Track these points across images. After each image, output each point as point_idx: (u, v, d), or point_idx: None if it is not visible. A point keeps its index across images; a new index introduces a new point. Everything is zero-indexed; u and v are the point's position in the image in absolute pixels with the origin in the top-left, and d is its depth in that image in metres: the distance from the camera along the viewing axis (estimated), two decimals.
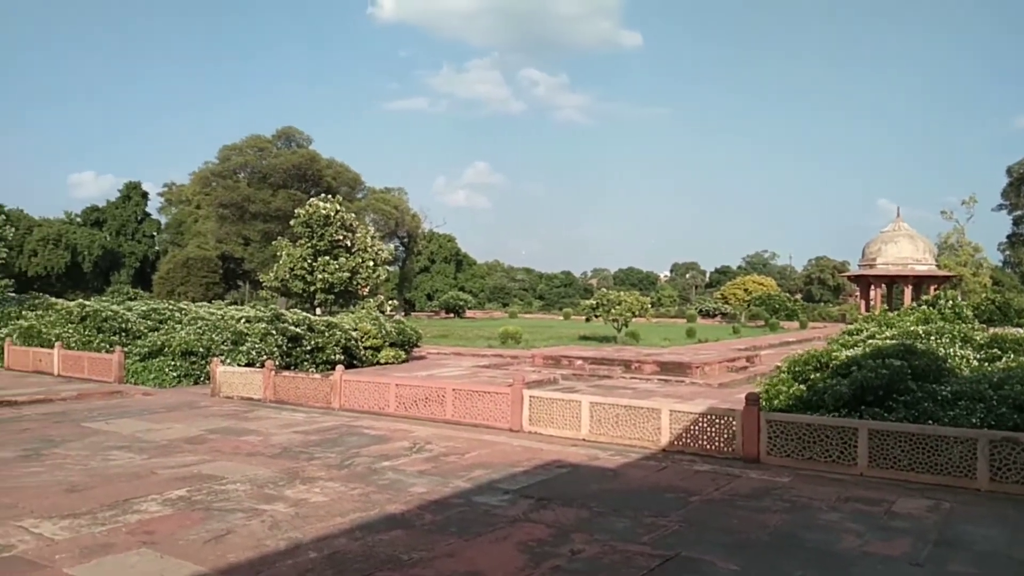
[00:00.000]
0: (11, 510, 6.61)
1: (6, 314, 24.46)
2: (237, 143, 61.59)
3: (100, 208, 78.34)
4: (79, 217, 77.67)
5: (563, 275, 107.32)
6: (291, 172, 59.88)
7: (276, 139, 62.73)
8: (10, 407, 12.80)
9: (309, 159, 60.44)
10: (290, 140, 63.05)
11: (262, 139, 62.09)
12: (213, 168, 62.34)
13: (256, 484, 7.58)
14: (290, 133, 63.32)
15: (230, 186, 60.22)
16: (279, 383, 13.57)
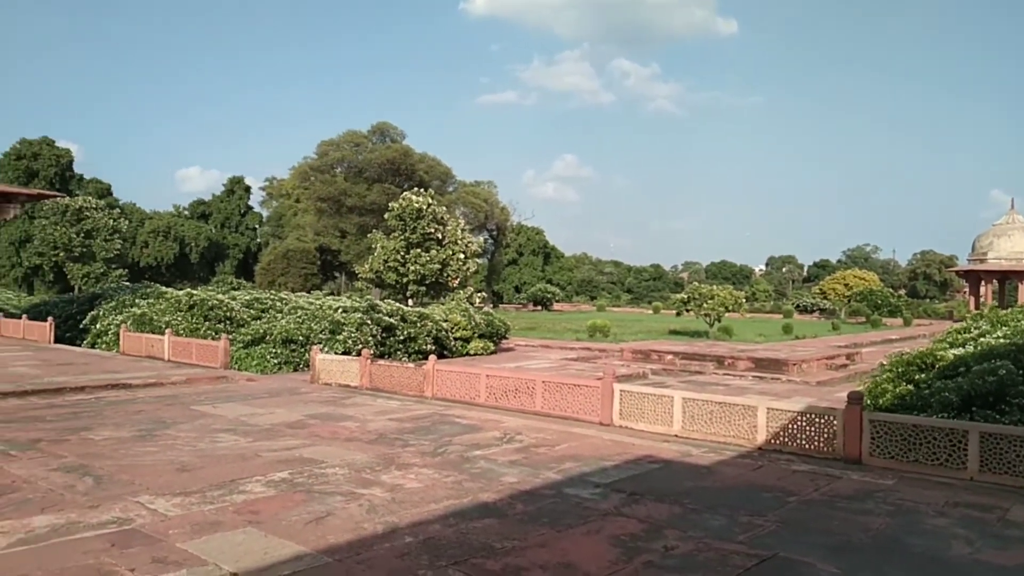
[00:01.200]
0: (129, 486, 7.03)
1: (121, 302, 25.93)
2: (334, 138, 63.50)
3: (206, 202, 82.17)
4: (187, 210, 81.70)
5: (652, 268, 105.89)
6: (385, 166, 61.25)
7: (371, 134, 64.29)
8: (126, 390, 13.61)
9: (403, 153, 61.65)
10: (384, 135, 64.47)
11: (358, 134, 63.76)
12: (312, 163, 64.45)
13: (354, 469, 7.81)
14: (384, 128, 64.73)
15: (327, 180, 62.10)
16: (374, 371, 13.92)
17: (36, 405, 11.80)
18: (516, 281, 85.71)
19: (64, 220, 59.72)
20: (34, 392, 12.82)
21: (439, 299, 37.12)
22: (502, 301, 77.33)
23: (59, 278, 61.87)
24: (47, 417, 10.71)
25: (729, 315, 34.75)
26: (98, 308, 26.10)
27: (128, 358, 18.59)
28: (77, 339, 24.43)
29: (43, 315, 25.37)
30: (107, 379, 14.32)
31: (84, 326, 25.15)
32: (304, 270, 63.04)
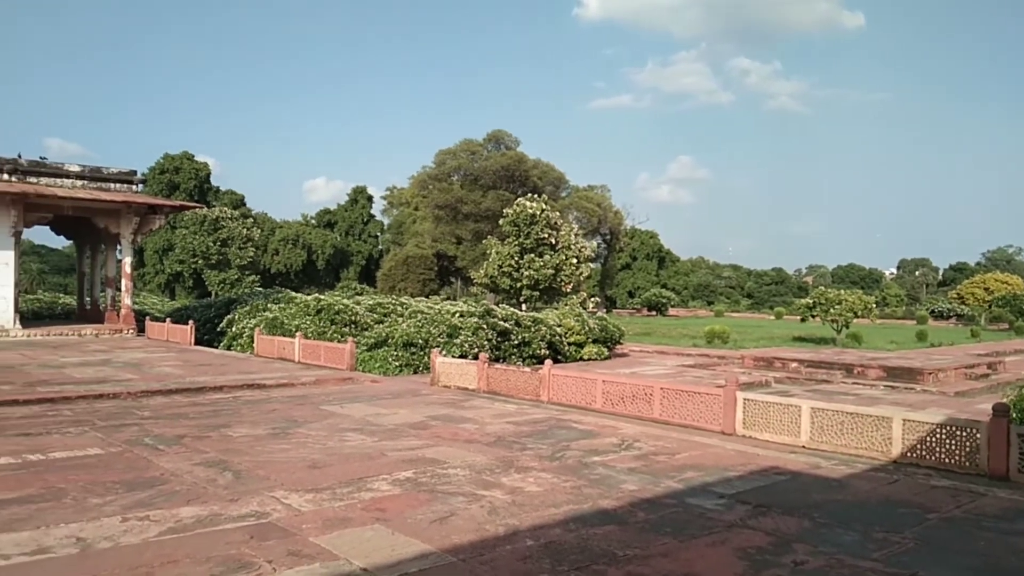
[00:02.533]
0: (265, 482, 7.42)
1: (255, 307, 27.41)
2: (451, 147, 64.91)
3: (331, 211, 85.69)
4: (314, 219, 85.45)
5: (774, 272, 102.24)
6: (500, 173, 62.03)
7: (487, 142, 65.31)
8: (260, 390, 14.37)
9: (517, 160, 62.27)
10: (499, 143, 65.32)
11: (474, 143, 64.92)
12: (430, 172, 66.15)
13: (474, 470, 7.94)
14: (499, 136, 65.57)
15: (445, 188, 63.52)
16: (492, 375, 14.11)
17: (180, 403, 12.64)
18: (630, 286, 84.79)
19: (202, 230, 63.80)
20: (178, 391, 13.74)
21: (552, 304, 37.22)
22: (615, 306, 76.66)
23: (198, 284, 66.11)
24: (190, 414, 11.45)
25: (858, 321, 33.12)
26: (233, 312, 27.69)
27: (262, 359, 19.62)
28: (214, 341, 26.00)
29: (184, 319, 27.13)
30: (243, 379, 15.17)
31: (221, 329, 26.73)
32: (422, 275, 64.65)
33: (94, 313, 31.16)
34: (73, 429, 10.07)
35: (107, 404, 12.29)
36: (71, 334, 26.24)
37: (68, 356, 19.32)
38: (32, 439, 9.38)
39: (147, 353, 20.70)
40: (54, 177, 27.17)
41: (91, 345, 23.11)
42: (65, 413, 11.34)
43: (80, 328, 27.23)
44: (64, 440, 9.35)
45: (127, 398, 12.90)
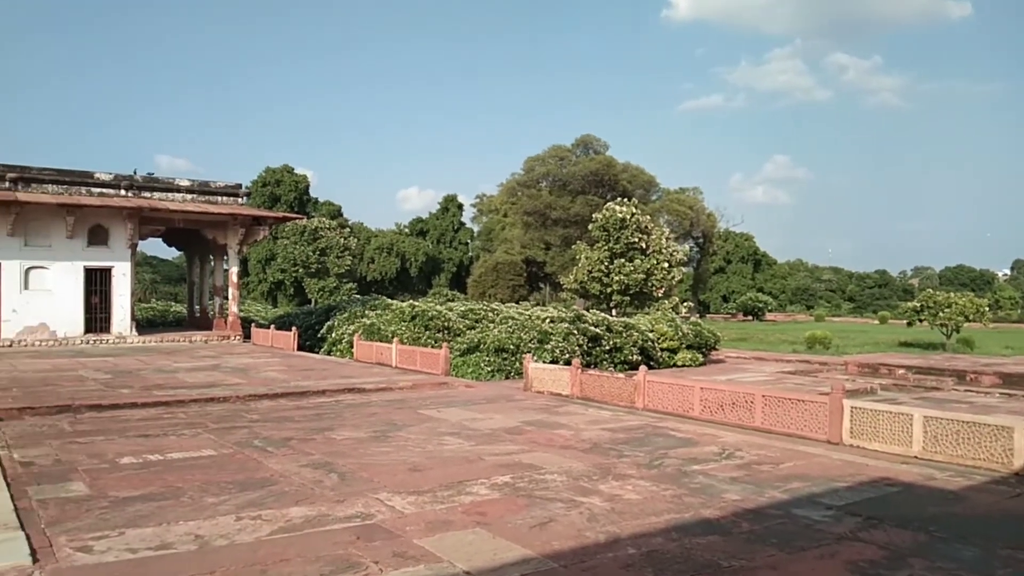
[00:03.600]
0: (369, 484, 7.62)
1: (353, 313, 28.20)
2: (540, 154, 65.20)
3: (423, 219, 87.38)
4: (407, 228, 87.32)
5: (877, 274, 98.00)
6: (589, 178, 61.84)
7: (575, 147, 65.26)
8: (361, 394, 14.78)
9: (605, 164, 61.94)
10: (588, 147, 65.15)
11: (562, 148, 64.98)
12: (518, 179, 66.59)
13: (571, 476, 7.93)
14: (588, 141, 65.40)
15: (533, 195, 63.78)
16: (585, 381, 14.06)
17: (285, 407, 13.13)
18: (724, 290, 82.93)
19: (302, 239, 66.12)
20: (283, 395, 14.28)
21: (643, 309, 36.79)
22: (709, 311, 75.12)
23: (298, 291, 68.52)
24: (295, 417, 11.88)
25: (969, 325, 31.37)
26: (333, 319, 28.56)
27: (360, 364, 20.18)
28: (315, 347, 26.88)
29: (287, 325, 28.17)
30: (344, 384, 15.64)
31: (321, 335, 27.62)
32: (512, 282, 65.05)
33: (203, 320, 32.77)
34: (188, 431, 10.60)
35: (218, 407, 12.90)
36: (182, 340, 27.66)
37: (180, 361, 20.37)
38: (151, 440, 9.93)
39: (253, 358, 21.60)
40: (166, 192, 28.75)
41: (201, 351, 24.30)
42: (180, 416, 11.96)
43: (190, 335, 28.68)
44: (180, 441, 9.86)
45: (236, 402, 13.49)
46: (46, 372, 17.28)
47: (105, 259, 26.51)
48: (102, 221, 26.45)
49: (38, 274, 25.59)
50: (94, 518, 6.34)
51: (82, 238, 26.12)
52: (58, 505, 6.72)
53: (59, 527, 6.05)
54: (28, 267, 25.37)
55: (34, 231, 25.42)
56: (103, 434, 10.28)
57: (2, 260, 24.91)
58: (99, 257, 26.39)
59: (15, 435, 10.08)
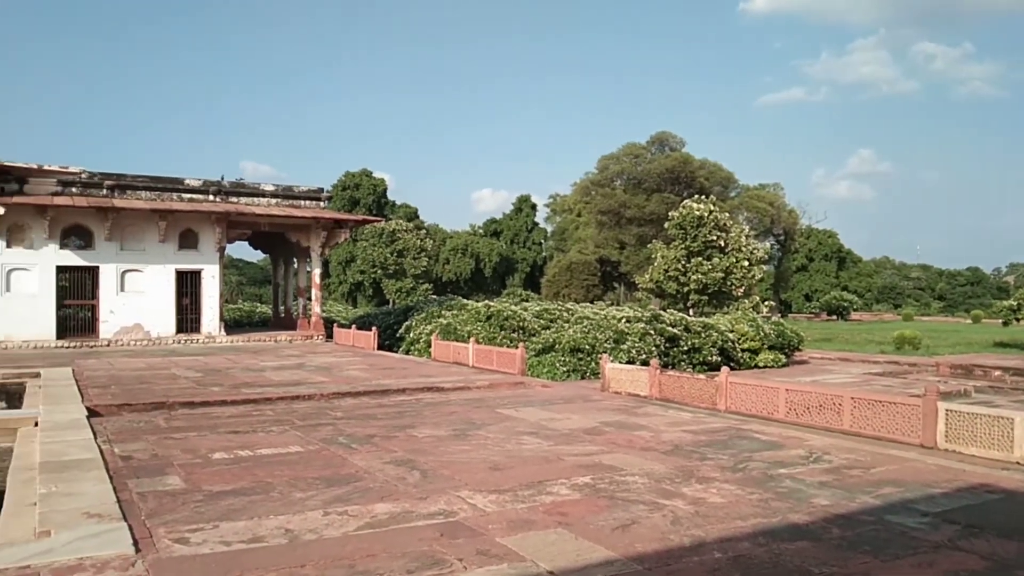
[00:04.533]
0: (450, 481, 7.70)
1: (430, 314, 28.58)
2: (614, 152, 64.73)
3: (497, 220, 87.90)
4: (481, 229, 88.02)
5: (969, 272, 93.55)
6: (664, 176, 61.06)
7: (650, 145, 64.54)
8: (440, 392, 14.96)
9: (682, 161, 61.04)
10: (663, 144, 64.34)
11: (637, 146, 64.35)
12: (592, 178, 66.26)
13: (653, 478, 7.83)
14: (663, 138, 64.59)
15: (607, 193, 63.37)
16: (664, 381, 13.88)
17: (367, 404, 13.40)
18: (806, 289, 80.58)
19: (380, 241, 67.44)
20: (365, 393, 14.58)
21: (722, 309, 36.07)
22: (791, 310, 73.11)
23: (376, 292, 69.92)
24: (377, 415, 12.11)
25: None
26: (410, 319, 29.01)
27: (438, 364, 20.43)
28: (394, 346, 27.36)
29: (366, 325, 28.76)
30: (423, 383, 15.86)
31: (399, 335, 28.10)
32: (586, 281, 64.78)
33: (287, 320, 33.77)
34: (275, 428, 10.94)
35: (303, 405, 13.26)
36: (268, 340, 28.57)
37: (266, 360, 21.04)
38: (241, 436, 10.28)
39: (336, 358, 22.13)
40: (251, 196, 29.75)
41: (286, 350, 25.05)
42: (267, 413, 12.34)
43: (275, 335, 29.61)
44: (268, 438, 10.18)
45: (320, 399, 13.85)
46: (141, 370, 18.10)
47: (195, 262, 27.63)
48: (192, 225, 27.57)
49: (133, 277, 26.84)
50: (190, 511, 6.59)
51: (174, 242, 27.28)
52: (156, 498, 7.02)
53: (158, 519, 6.32)
54: (124, 270, 26.64)
55: (129, 236, 26.68)
56: (196, 430, 10.70)
57: (100, 264, 26.23)
58: (189, 260, 27.52)
59: (115, 430, 10.59)
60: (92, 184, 26.52)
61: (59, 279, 25.83)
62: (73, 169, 25.61)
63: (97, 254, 26.13)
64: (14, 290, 25.00)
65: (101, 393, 13.84)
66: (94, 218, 25.88)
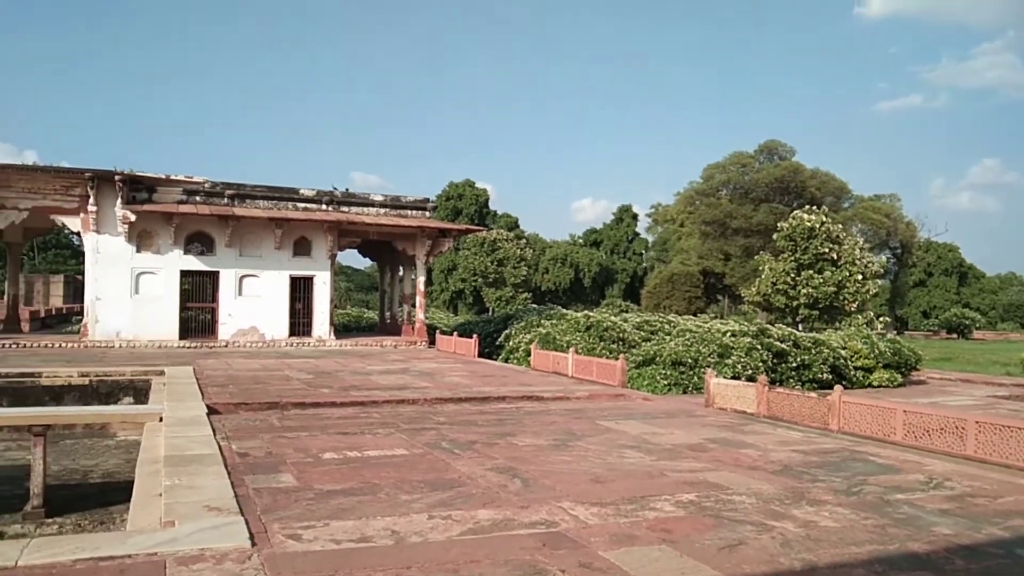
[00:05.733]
0: (552, 491, 7.70)
1: (529, 323, 28.73)
2: (720, 161, 63.45)
3: (597, 230, 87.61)
4: (580, 239, 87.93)
5: None
6: (773, 185, 59.40)
7: (758, 154, 62.91)
8: (539, 402, 15.00)
9: (792, 171, 59.23)
10: (772, 153, 62.61)
11: (744, 155, 62.85)
12: (697, 187, 65.12)
13: (761, 499, 7.59)
14: (772, 147, 62.85)
15: (712, 203, 62.14)
16: (772, 399, 13.44)
17: (469, 411, 13.58)
18: (924, 305, 76.44)
19: (482, 251, 68.40)
20: (467, 399, 14.79)
21: (833, 324, 34.71)
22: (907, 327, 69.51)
23: (476, 300, 70.89)
24: (478, 422, 12.26)
25: None
26: (510, 327, 29.26)
27: (537, 373, 20.49)
28: (493, 354, 27.64)
29: (467, 332, 29.16)
30: (523, 391, 15.95)
31: (499, 343, 28.38)
32: (688, 293, 63.61)
33: (393, 326, 34.68)
34: (382, 430, 11.24)
35: (408, 409, 13.58)
36: (374, 345, 29.41)
37: (373, 364, 21.66)
38: (349, 437, 10.61)
39: (438, 364, 22.55)
40: (361, 206, 30.74)
41: (391, 355, 25.71)
42: (374, 416, 12.70)
43: (381, 340, 30.44)
44: (375, 440, 10.46)
45: (424, 404, 14.14)
46: (256, 371, 18.97)
47: (308, 268, 28.76)
48: (306, 233, 28.73)
49: (250, 282, 28.18)
50: (302, 508, 6.85)
51: (288, 249, 28.50)
52: (270, 494, 7.33)
53: (272, 515, 6.60)
54: (242, 275, 28.01)
55: (247, 242, 28.05)
56: (307, 430, 11.13)
57: (220, 268, 27.67)
58: (302, 267, 28.68)
59: (232, 428, 11.13)
60: (214, 193, 28.04)
61: (182, 283, 27.41)
62: (197, 179, 27.17)
63: (218, 259, 27.61)
64: (142, 292, 26.69)
65: (220, 392, 14.58)
66: (215, 225, 27.35)
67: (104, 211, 25.75)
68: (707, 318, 36.83)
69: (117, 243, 26.16)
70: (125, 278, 26.40)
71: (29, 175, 25.79)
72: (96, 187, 25.51)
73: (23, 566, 5.05)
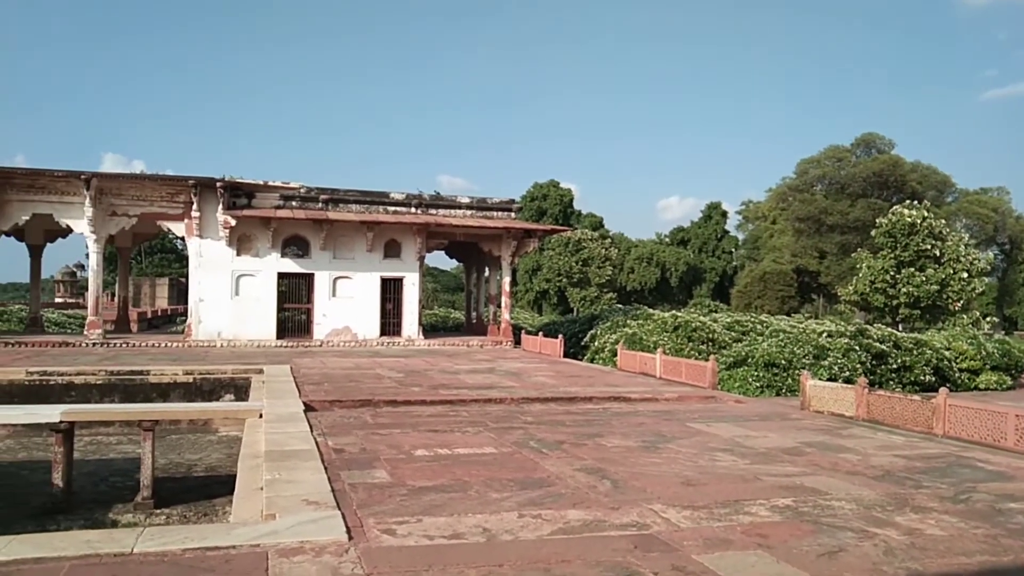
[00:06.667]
0: (642, 493, 7.63)
1: (614, 323, 28.53)
2: (814, 156, 61.54)
3: (684, 228, 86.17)
4: (667, 237, 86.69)
5: None
6: (871, 180, 57.17)
7: (855, 147, 60.68)
8: (627, 403, 14.88)
9: (891, 164, 56.84)
10: (870, 147, 60.26)
11: (840, 149, 60.71)
12: (790, 183, 63.27)
13: (862, 505, 7.32)
14: (870, 140, 60.48)
15: (806, 199, 60.27)
16: (872, 401, 12.93)
17: (555, 411, 13.60)
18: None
19: (566, 251, 68.33)
20: (553, 399, 14.81)
21: (936, 324, 33.11)
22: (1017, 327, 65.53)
23: (561, 300, 70.84)
24: (565, 422, 12.25)
25: None
26: (595, 328, 29.13)
27: (624, 374, 20.32)
28: (578, 354, 27.57)
29: (552, 333, 29.17)
30: (610, 392, 15.85)
31: (584, 343, 28.28)
32: (780, 292, 61.81)
33: (478, 326, 35.07)
34: (470, 429, 11.38)
35: (495, 408, 13.70)
36: (461, 344, 29.80)
37: (460, 364, 21.95)
38: (439, 435, 10.79)
39: (524, 363, 22.66)
40: (448, 208, 31.21)
41: (477, 355, 26.00)
42: (462, 414, 12.87)
43: (467, 340, 30.83)
44: (464, 438, 10.61)
45: (511, 404, 14.24)
46: (349, 370, 19.50)
47: (397, 270, 29.41)
48: (396, 236, 29.38)
49: (343, 283, 29.02)
50: (395, 504, 7.01)
51: (379, 251, 29.21)
52: (365, 489, 7.53)
53: (367, 510, 6.77)
54: (335, 277, 28.87)
55: (341, 245, 28.89)
56: (399, 427, 11.37)
57: (315, 271, 28.60)
58: (392, 268, 29.34)
59: (328, 424, 11.48)
60: (309, 198, 28.99)
61: (279, 284, 28.44)
62: (293, 184, 28.15)
63: (312, 262, 28.55)
64: (242, 294, 27.84)
65: (315, 389, 15.06)
66: (310, 229, 28.28)
67: (206, 216, 26.99)
68: (801, 318, 35.70)
69: (218, 247, 27.38)
70: (226, 280, 27.60)
71: (138, 183, 27.31)
72: (199, 194, 26.77)
73: (138, 553, 5.36)
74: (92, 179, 25.60)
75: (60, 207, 26.17)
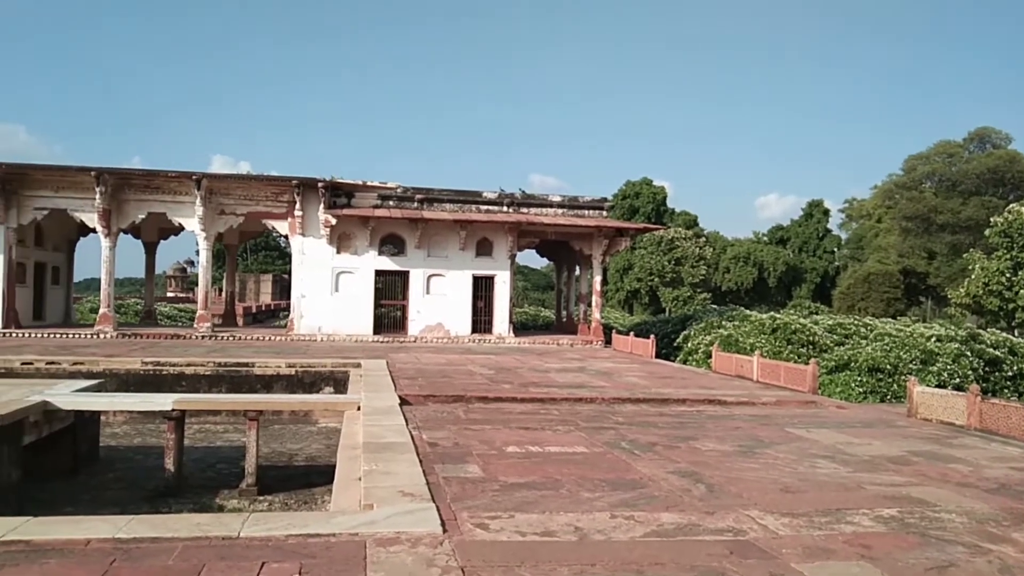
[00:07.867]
0: (738, 499, 7.46)
1: (709, 324, 27.99)
2: (923, 152, 58.69)
3: (784, 227, 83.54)
4: (765, 236, 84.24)
5: None
6: (985, 176, 54.02)
7: (967, 143, 57.50)
8: (722, 406, 14.57)
9: (1007, 160, 53.57)
10: (984, 141, 56.97)
11: (951, 144, 57.67)
12: (897, 180, 60.55)
13: (974, 519, 6.95)
14: (984, 134, 57.17)
15: (915, 197, 57.53)
16: (985, 410, 12.23)
17: (647, 412, 13.45)
18: None
19: (658, 250, 67.40)
20: (645, 400, 14.65)
21: None
22: None
23: (652, 300, 69.90)
24: (658, 424, 12.10)
25: None
26: (689, 328, 28.67)
27: (719, 376, 19.90)
28: (670, 355, 27.19)
29: (644, 333, 28.85)
30: (704, 394, 15.56)
31: (677, 344, 27.87)
32: (886, 294, 59.13)
33: (569, 325, 35.04)
34: (561, 427, 11.40)
35: (585, 407, 13.67)
36: (551, 343, 29.86)
37: (550, 362, 21.99)
38: (530, 433, 10.85)
39: (615, 363, 22.50)
40: (540, 207, 31.32)
41: (567, 353, 25.99)
42: (553, 413, 12.90)
43: (557, 338, 30.85)
44: (555, 436, 10.63)
45: (602, 403, 14.17)
46: (442, 365, 19.84)
47: (489, 268, 29.74)
48: (487, 235, 29.71)
49: (436, 281, 29.58)
50: (488, 499, 7.10)
51: (471, 249, 29.61)
52: (459, 484, 7.66)
53: (460, 503, 6.89)
54: (429, 275, 29.46)
55: (435, 244, 29.45)
56: (490, 423, 11.50)
57: (410, 268, 29.27)
58: (484, 266, 29.69)
59: (422, 419, 11.72)
60: (405, 198, 29.67)
61: (376, 281, 29.23)
62: (390, 184, 28.86)
63: (408, 260, 29.21)
64: (341, 291, 28.76)
65: (410, 384, 15.40)
66: (406, 228, 28.94)
67: (308, 215, 28.01)
68: (908, 321, 34.09)
69: (319, 245, 28.37)
70: (326, 277, 28.57)
71: (245, 183, 28.59)
72: (301, 193, 27.79)
73: (244, 537, 5.63)
74: (203, 179, 26.98)
75: (173, 206, 27.69)
